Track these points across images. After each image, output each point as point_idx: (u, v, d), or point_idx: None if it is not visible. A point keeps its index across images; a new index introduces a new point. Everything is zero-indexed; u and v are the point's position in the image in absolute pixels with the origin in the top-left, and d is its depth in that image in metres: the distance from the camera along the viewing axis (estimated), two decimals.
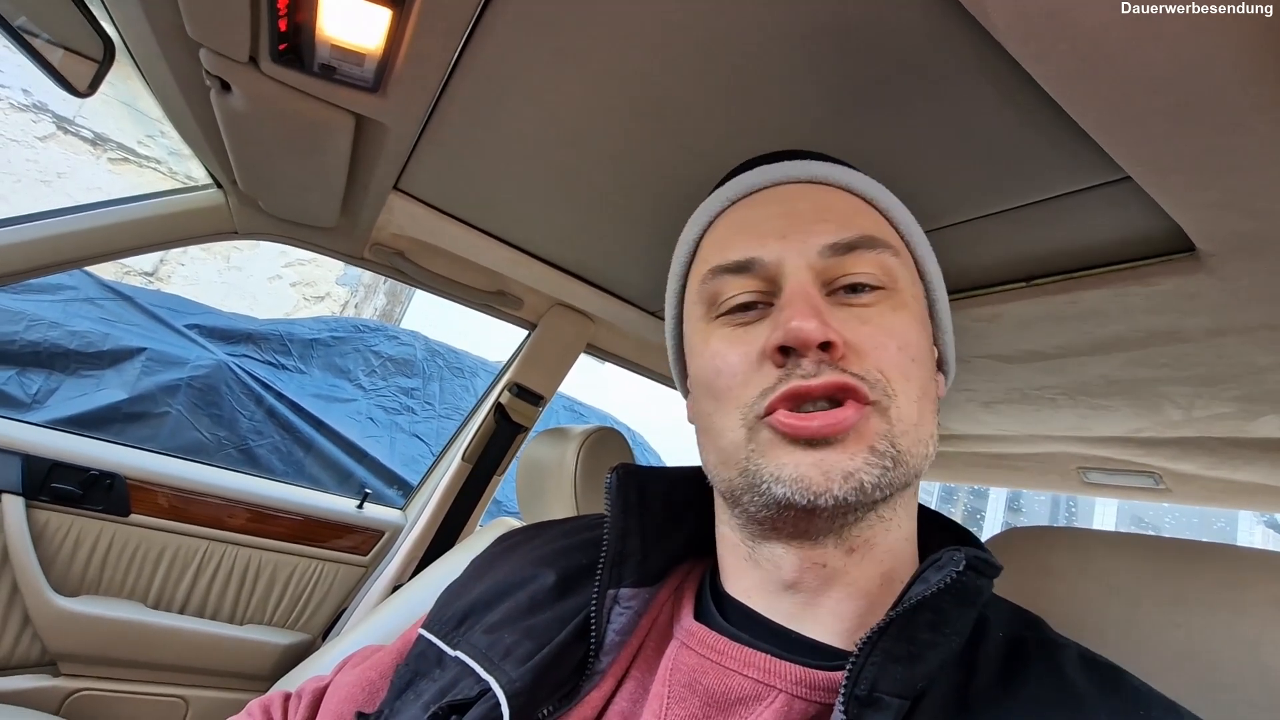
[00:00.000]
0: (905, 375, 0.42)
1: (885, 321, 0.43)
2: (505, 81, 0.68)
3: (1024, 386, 1.02)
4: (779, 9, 0.51)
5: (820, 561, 0.42)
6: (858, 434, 0.40)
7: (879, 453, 0.40)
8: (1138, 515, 6.13)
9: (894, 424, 0.40)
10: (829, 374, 0.40)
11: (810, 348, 0.40)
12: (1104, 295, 0.70)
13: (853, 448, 0.39)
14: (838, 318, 0.42)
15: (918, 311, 0.46)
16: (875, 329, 0.42)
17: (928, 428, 0.43)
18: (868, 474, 0.39)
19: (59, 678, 1.31)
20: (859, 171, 0.51)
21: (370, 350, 3.30)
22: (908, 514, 0.45)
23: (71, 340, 2.44)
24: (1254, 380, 0.78)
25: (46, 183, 4.46)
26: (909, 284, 0.46)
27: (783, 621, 0.44)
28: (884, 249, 0.45)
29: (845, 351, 0.41)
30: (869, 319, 0.43)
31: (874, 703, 0.35)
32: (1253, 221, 0.52)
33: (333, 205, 1.09)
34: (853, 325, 0.42)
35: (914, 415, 0.41)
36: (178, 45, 0.72)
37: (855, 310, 0.43)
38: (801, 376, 0.40)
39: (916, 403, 0.42)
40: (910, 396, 0.41)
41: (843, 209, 0.47)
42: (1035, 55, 0.42)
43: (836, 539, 0.42)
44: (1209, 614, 0.46)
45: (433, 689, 0.48)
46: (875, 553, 0.43)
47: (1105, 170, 0.56)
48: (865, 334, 0.42)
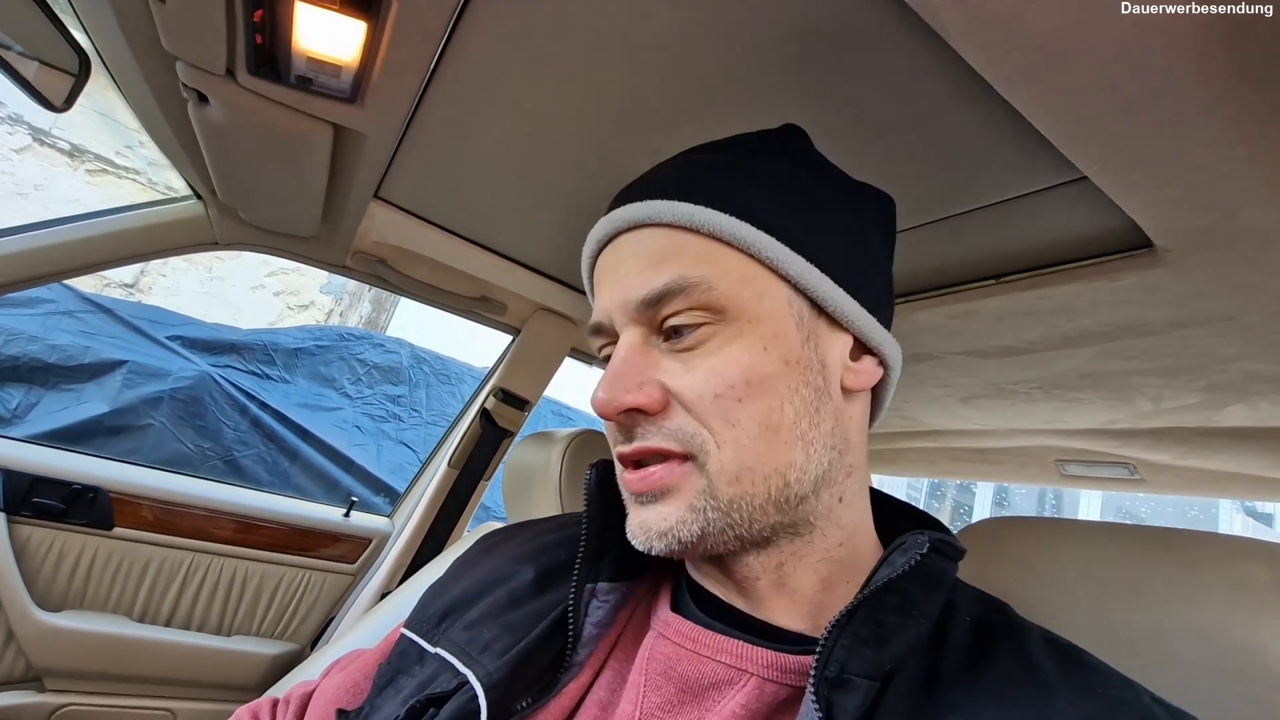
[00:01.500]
0: (728, 420, 0.41)
1: (706, 364, 0.42)
2: (482, 90, 0.69)
3: (999, 381, 1.04)
4: (746, 18, 0.52)
5: (752, 575, 0.44)
6: (675, 491, 0.42)
7: (696, 509, 0.41)
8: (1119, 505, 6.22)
9: (714, 478, 0.41)
10: (638, 441, 0.43)
11: (610, 418, 0.43)
12: (1071, 291, 0.72)
13: (669, 505, 0.42)
14: (664, 368, 0.43)
15: (760, 334, 0.42)
16: (695, 377, 0.42)
17: (783, 456, 0.41)
18: (684, 531, 0.41)
19: (44, 693, 1.30)
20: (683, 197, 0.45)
21: (356, 358, 3.29)
22: (833, 522, 0.45)
23: (51, 354, 2.42)
24: (1218, 370, 0.80)
25: (23, 195, 4.41)
26: (747, 305, 0.42)
27: (752, 612, 0.45)
28: (693, 287, 0.42)
29: (664, 405, 0.42)
30: (692, 364, 0.42)
31: (844, 684, 0.36)
32: (1206, 217, 0.54)
33: (313, 214, 1.09)
34: (677, 374, 0.42)
35: (746, 458, 0.41)
36: (154, 58, 0.72)
37: (682, 356, 0.43)
38: (619, 443, 0.44)
39: (752, 442, 0.41)
40: (740, 441, 0.41)
41: (661, 251, 0.44)
42: (989, 60, 0.44)
43: (757, 557, 0.44)
44: (1168, 597, 0.48)
45: (411, 684, 0.49)
46: (807, 561, 0.44)
47: (1065, 170, 0.58)
48: (686, 384, 0.42)
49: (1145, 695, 0.37)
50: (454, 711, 0.43)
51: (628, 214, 0.46)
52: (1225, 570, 0.46)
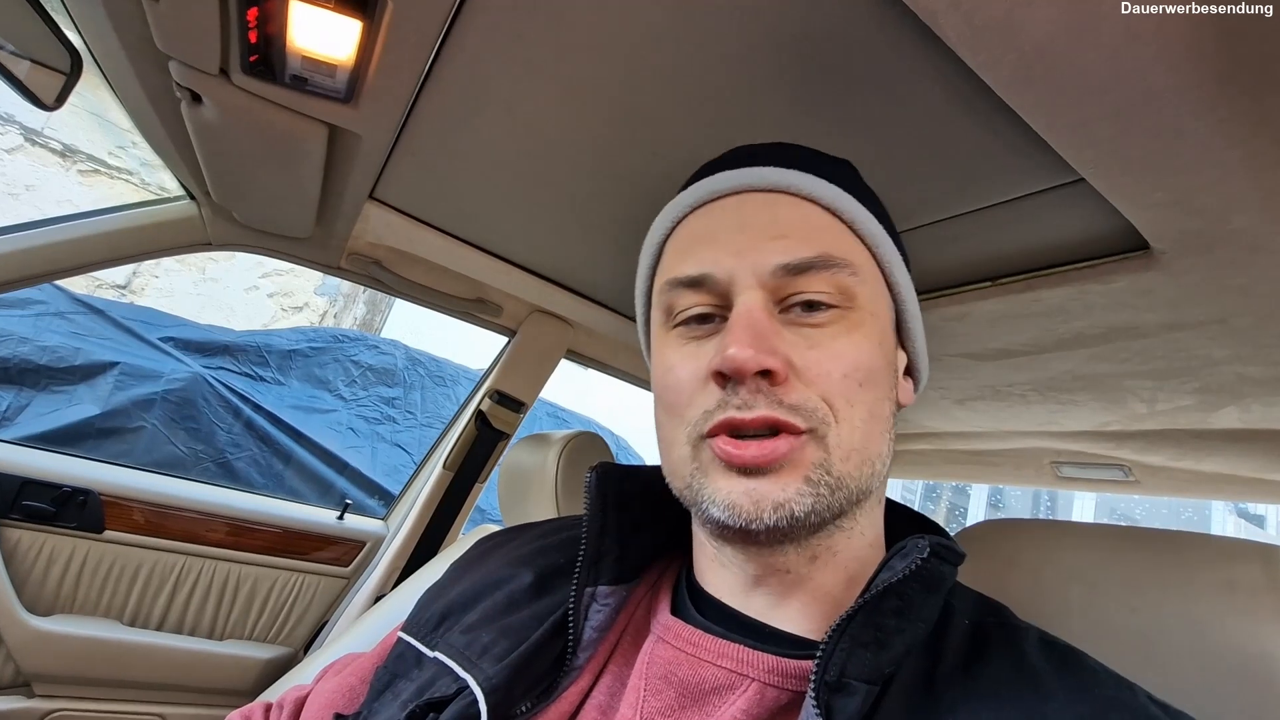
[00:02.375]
0: (849, 400, 0.41)
1: (835, 345, 0.42)
2: (478, 91, 0.69)
3: (995, 383, 1.05)
4: (743, 20, 0.52)
5: (783, 568, 0.44)
6: (792, 464, 0.40)
7: (813, 482, 0.40)
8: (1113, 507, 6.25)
9: (831, 451, 0.41)
10: (763, 408, 0.40)
11: (745, 377, 0.40)
12: (1065, 293, 0.72)
13: (786, 478, 0.40)
14: (786, 339, 0.42)
15: (876, 329, 0.45)
16: (823, 353, 0.42)
17: (877, 446, 0.43)
18: (799, 504, 0.40)
19: (33, 699, 1.28)
20: (822, 178, 0.47)
21: (350, 360, 3.28)
22: (870, 522, 0.46)
23: (42, 355, 2.40)
24: (1211, 373, 0.81)
25: (14, 196, 4.38)
26: (870, 300, 0.45)
27: (755, 615, 0.45)
28: (840, 268, 0.43)
29: (787, 376, 0.41)
30: (818, 342, 0.42)
31: (843, 688, 0.36)
32: (1198, 220, 0.54)
33: (308, 215, 1.08)
34: (800, 349, 0.42)
35: (857, 439, 0.41)
36: (147, 57, 0.72)
37: (806, 331, 0.43)
38: (736, 408, 0.41)
39: (862, 425, 0.42)
40: (854, 421, 0.41)
41: (800, 224, 0.45)
42: (986, 63, 0.44)
43: (797, 548, 0.43)
44: (1160, 597, 0.48)
45: (410, 688, 0.49)
46: (839, 559, 0.44)
47: (1061, 172, 0.58)
48: (812, 359, 0.42)
49: (1141, 695, 0.37)
50: (453, 716, 0.43)
51: (767, 175, 0.46)
52: (1218, 571, 0.46)
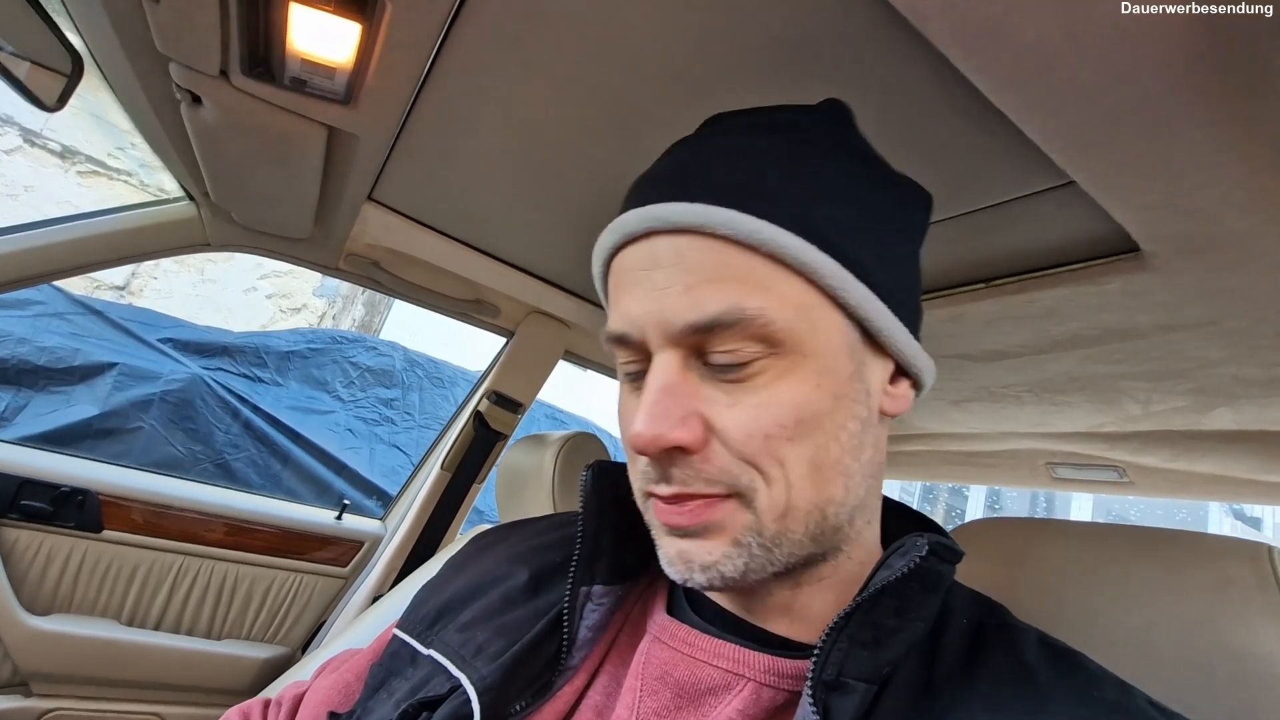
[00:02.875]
0: (778, 460, 0.38)
1: (758, 398, 0.38)
2: (476, 93, 0.69)
3: (990, 384, 1.05)
4: (739, 23, 0.53)
5: (765, 593, 0.44)
6: (719, 527, 0.39)
7: (742, 544, 0.39)
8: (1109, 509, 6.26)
9: (761, 514, 0.39)
10: (676, 484, 0.39)
11: (652, 455, 0.39)
12: (1059, 295, 0.72)
13: (713, 541, 0.39)
14: (705, 397, 0.39)
15: (813, 367, 0.39)
16: (743, 413, 0.38)
17: (828, 492, 0.40)
18: (728, 565, 0.39)
19: (31, 698, 1.28)
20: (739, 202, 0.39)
21: (348, 361, 3.28)
22: (860, 543, 0.45)
23: (40, 356, 2.40)
24: (1204, 374, 0.81)
25: (13, 197, 4.38)
26: (802, 336, 0.39)
27: (750, 619, 0.45)
28: (753, 319, 0.38)
29: (705, 444, 0.39)
30: (740, 399, 0.39)
31: (840, 687, 0.36)
32: (1190, 222, 0.54)
33: (306, 216, 1.09)
34: (720, 408, 0.39)
35: (795, 497, 0.39)
36: (147, 59, 0.72)
37: (727, 387, 0.39)
38: (654, 481, 0.40)
39: (800, 481, 0.39)
40: (787, 480, 0.38)
41: (710, 271, 0.39)
42: (977, 66, 0.44)
43: (778, 580, 0.43)
44: (1152, 596, 0.48)
45: (404, 687, 0.49)
46: (826, 583, 0.44)
47: (1053, 175, 0.58)
48: (730, 420, 0.39)
49: (1140, 699, 0.37)
50: (447, 715, 0.43)
51: (672, 215, 0.40)
52: (1211, 570, 0.47)
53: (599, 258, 0.47)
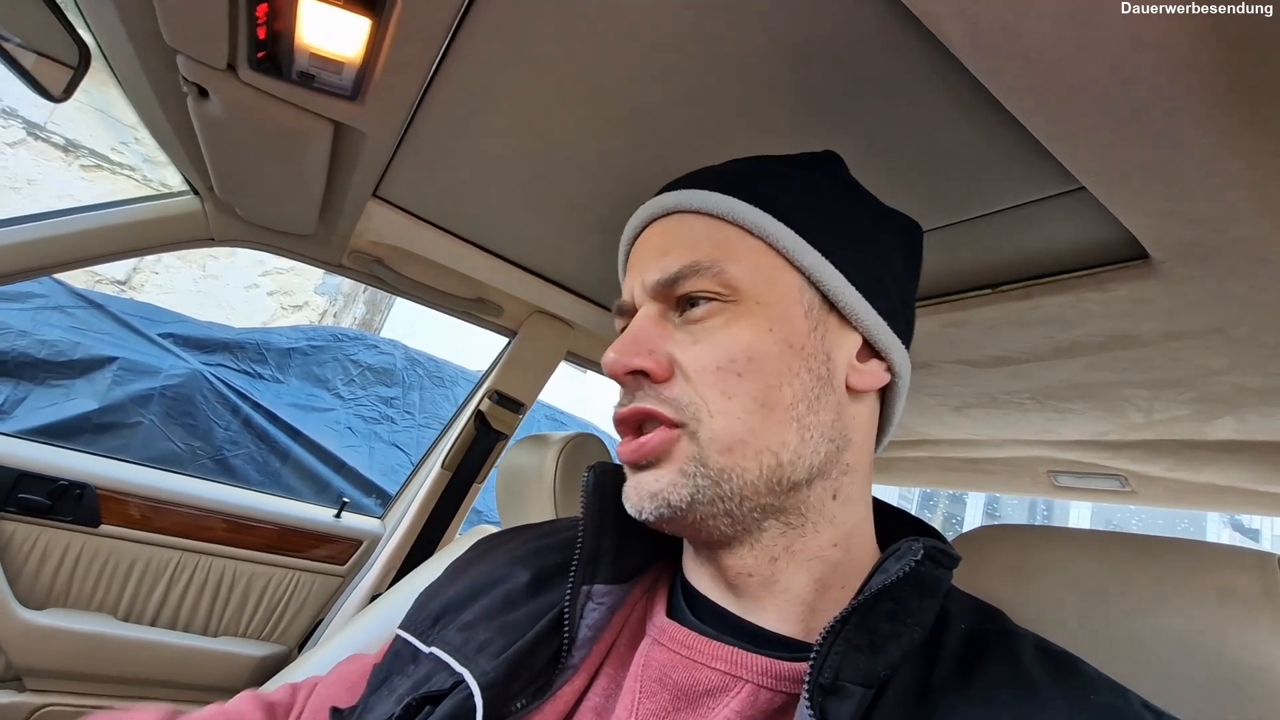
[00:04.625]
0: (725, 392, 0.43)
1: (713, 338, 0.44)
2: (483, 91, 0.69)
3: (992, 391, 1.05)
4: (749, 24, 0.53)
5: (745, 570, 0.45)
6: (666, 457, 0.44)
7: (687, 474, 0.42)
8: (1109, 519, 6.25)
9: (704, 446, 0.42)
10: (635, 403, 0.45)
11: (617, 377, 0.45)
12: (1064, 301, 0.72)
13: (659, 470, 0.44)
14: (675, 339, 0.45)
15: (766, 316, 0.44)
16: (701, 348, 0.44)
17: (778, 435, 0.43)
18: (674, 494, 0.42)
19: (25, 693, 1.28)
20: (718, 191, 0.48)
21: (349, 359, 3.28)
22: (826, 518, 0.45)
23: (41, 349, 2.40)
24: (1208, 383, 0.81)
25: (16, 190, 4.38)
26: (758, 288, 0.45)
27: (743, 615, 0.45)
28: (708, 269, 0.45)
29: (670, 375, 0.45)
30: (700, 337, 0.45)
31: (838, 690, 0.36)
32: (1198, 229, 0.54)
33: (310, 212, 1.09)
34: (684, 345, 0.45)
35: (739, 430, 0.42)
36: (155, 51, 0.72)
37: (691, 329, 0.45)
38: (617, 405, 0.46)
39: (745, 416, 0.42)
40: (732, 413, 0.42)
41: (684, 238, 0.48)
42: (988, 69, 0.44)
43: (750, 549, 0.45)
44: (1157, 604, 0.48)
45: (406, 684, 0.49)
46: (800, 558, 0.44)
47: (1061, 180, 0.58)
48: (691, 354, 0.44)
49: (1136, 701, 0.37)
50: (450, 710, 0.43)
51: (662, 201, 0.51)
52: (1215, 579, 0.46)
53: (621, 256, 0.57)
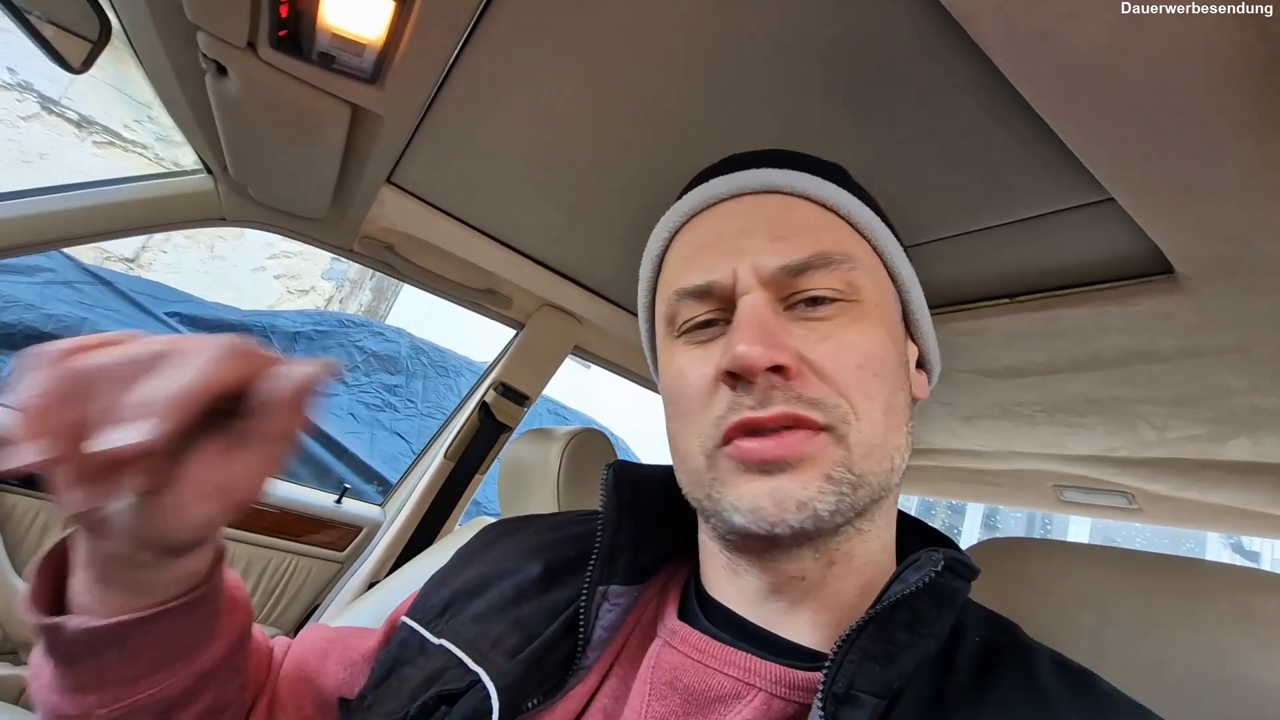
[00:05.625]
0: (866, 393, 0.41)
1: (845, 336, 0.42)
2: (504, 79, 0.69)
3: (1004, 402, 1.04)
4: (776, 18, 0.52)
5: (799, 575, 0.43)
6: (812, 460, 0.39)
7: (835, 480, 0.39)
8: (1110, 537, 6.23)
9: (852, 449, 0.40)
10: (779, 405, 0.39)
11: (756, 374, 0.39)
12: (1083, 314, 0.71)
13: (807, 475, 0.39)
14: (795, 334, 0.41)
15: (884, 320, 0.44)
16: (835, 345, 0.41)
17: (896, 440, 0.42)
18: (822, 502, 0.39)
19: (20, 666, 1.28)
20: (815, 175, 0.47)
21: (354, 345, 3.28)
22: (886, 523, 0.45)
23: (47, 323, 2.41)
24: (1225, 402, 0.80)
25: (28, 163, 4.39)
26: (875, 292, 0.44)
27: (764, 625, 0.44)
28: (839, 264, 0.43)
29: (801, 371, 0.40)
30: (829, 334, 0.42)
31: (851, 700, 0.35)
32: (1229, 245, 0.53)
33: (324, 195, 1.08)
34: (811, 342, 0.41)
35: (878, 434, 0.41)
36: (175, 27, 0.71)
37: (814, 325, 0.42)
38: (750, 408, 0.40)
39: (882, 419, 0.41)
40: (874, 415, 0.41)
41: (799, 223, 0.45)
42: (1025, 75, 0.44)
43: (814, 553, 0.42)
44: (1175, 625, 0.47)
45: (418, 677, 0.48)
46: (855, 564, 0.43)
47: (1089, 190, 0.57)
48: (824, 351, 0.41)
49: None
50: (468, 711, 0.42)
51: (763, 177, 0.46)
52: (1235, 602, 0.46)
53: (666, 229, 0.51)
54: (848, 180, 0.49)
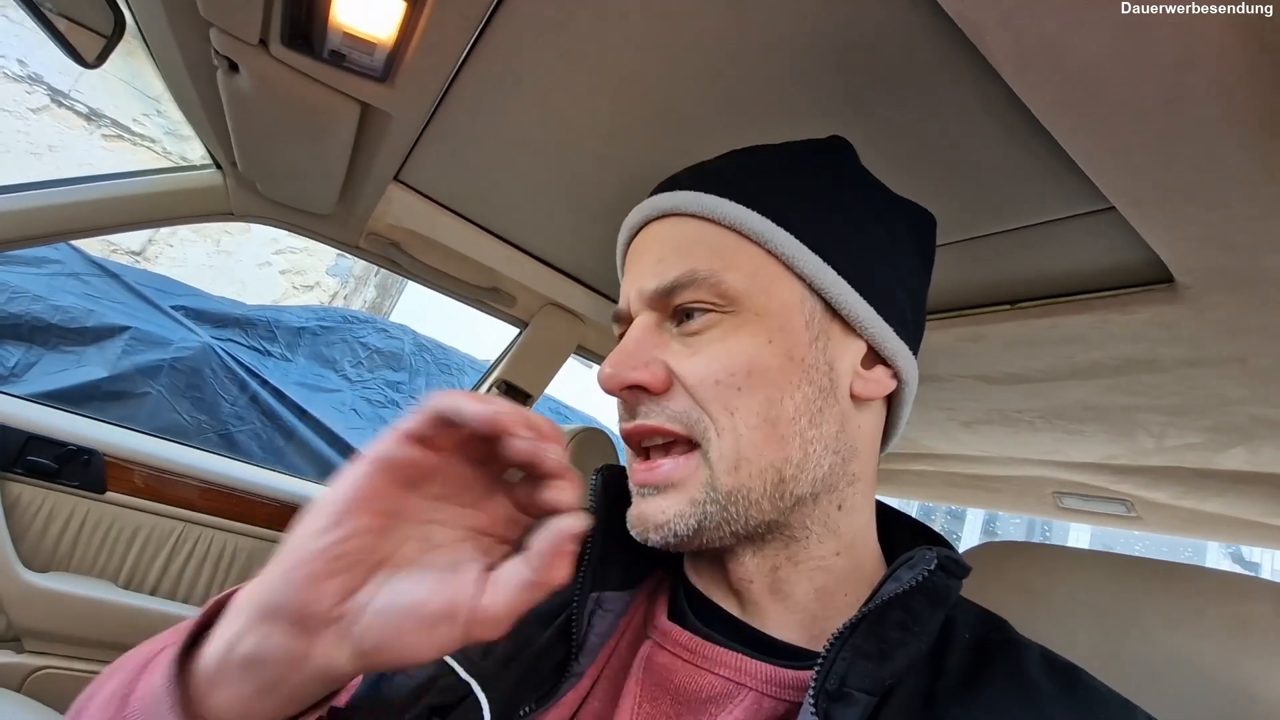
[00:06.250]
0: (727, 407, 0.41)
1: (711, 349, 0.43)
2: (513, 79, 0.69)
3: (1003, 408, 1.04)
4: (784, 24, 0.52)
5: (747, 578, 0.44)
6: (681, 485, 0.42)
7: (697, 502, 0.41)
8: (1109, 544, 6.21)
9: (715, 466, 0.41)
10: (639, 420, 0.43)
11: (613, 393, 0.43)
12: (1084, 321, 0.72)
13: (669, 499, 0.42)
14: (672, 350, 0.44)
15: (765, 326, 0.43)
16: (701, 360, 0.43)
17: (782, 451, 0.42)
18: (681, 524, 0.41)
19: (23, 654, 1.29)
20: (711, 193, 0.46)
21: (358, 341, 3.28)
22: (830, 529, 0.45)
23: (54, 315, 2.41)
24: (1224, 412, 0.80)
25: (37, 155, 4.41)
26: (757, 298, 0.43)
27: (748, 620, 0.45)
28: (703, 281, 0.43)
29: (669, 386, 0.43)
30: (699, 349, 0.43)
31: (843, 697, 0.36)
32: (1230, 256, 0.54)
33: (331, 192, 1.09)
34: (682, 358, 0.43)
35: (744, 448, 0.41)
36: (188, 23, 0.72)
37: (689, 340, 0.44)
38: (621, 420, 0.44)
39: (749, 432, 0.41)
40: (737, 430, 0.41)
41: (680, 244, 0.46)
42: (1030, 84, 0.44)
43: (753, 556, 0.44)
44: (1170, 632, 0.47)
45: (408, 686, 0.46)
46: (802, 569, 0.44)
47: (1091, 199, 0.58)
48: (689, 366, 0.43)
49: (1141, 717, 0.37)
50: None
51: (657, 203, 0.49)
52: (1231, 609, 0.46)
53: (619, 257, 0.54)
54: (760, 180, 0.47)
